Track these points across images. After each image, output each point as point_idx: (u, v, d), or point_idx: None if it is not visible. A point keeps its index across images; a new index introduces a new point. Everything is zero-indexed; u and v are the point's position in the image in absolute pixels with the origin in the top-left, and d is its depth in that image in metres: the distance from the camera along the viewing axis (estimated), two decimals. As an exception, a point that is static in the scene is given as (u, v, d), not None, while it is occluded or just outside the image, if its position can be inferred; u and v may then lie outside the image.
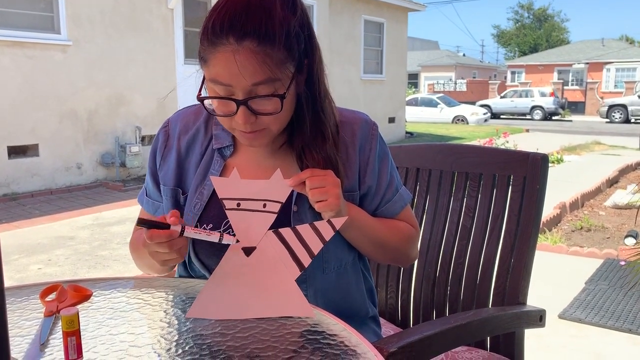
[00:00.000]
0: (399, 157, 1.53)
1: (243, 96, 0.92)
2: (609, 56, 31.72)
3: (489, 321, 1.19)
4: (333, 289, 1.07)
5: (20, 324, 0.87)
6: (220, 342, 0.82)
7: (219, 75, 0.92)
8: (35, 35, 6.34)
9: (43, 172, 6.48)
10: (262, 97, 0.92)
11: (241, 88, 0.92)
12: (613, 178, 7.09)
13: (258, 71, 0.90)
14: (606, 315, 2.88)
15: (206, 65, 0.94)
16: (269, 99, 0.93)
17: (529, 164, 1.31)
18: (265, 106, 0.94)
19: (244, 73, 0.90)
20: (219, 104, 0.96)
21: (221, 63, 0.91)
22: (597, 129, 18.07)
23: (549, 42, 50.53)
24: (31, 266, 3.80)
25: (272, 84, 0.92)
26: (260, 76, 0.91)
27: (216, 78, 0.92)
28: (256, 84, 0.91)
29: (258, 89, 0.92)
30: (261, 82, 0.91)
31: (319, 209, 0.92)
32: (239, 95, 0.92)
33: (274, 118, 0.96)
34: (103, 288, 1.02)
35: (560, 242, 4.25)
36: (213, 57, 0.92)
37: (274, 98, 0.93)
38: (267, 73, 0.91)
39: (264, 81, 0.91)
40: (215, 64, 0.92)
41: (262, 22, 0.90)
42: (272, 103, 0.94)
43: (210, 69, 0.93)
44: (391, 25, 12.94)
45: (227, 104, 0.94)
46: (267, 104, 0.94)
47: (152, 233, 0.87)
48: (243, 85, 0.91)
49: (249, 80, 0.91)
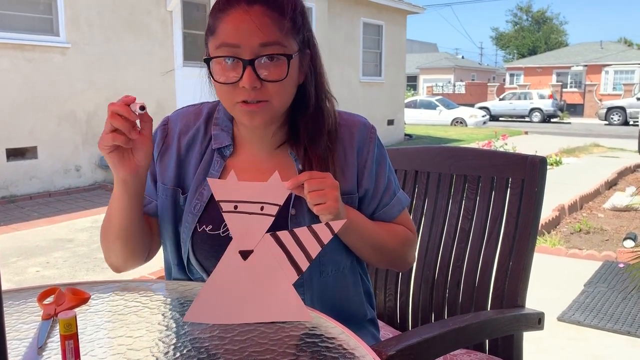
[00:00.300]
0: (397, 159, 1.53)
1: (250, 57, 0.95)
2: (608, 58, 31.79)
3: (488, 324, 1.19)
4: (330, 292, 1.07)
5: (17, 327, 0.86)
6: (218, 346, 0.81)
7: (228, 36, 0.95)
8: (35, 38, 6.34)
9: (42, 174, 6.47)
10: (269, 55, 0.95)
11: (249, 48, 0.94)
12: (612, 180, 7.10)
13: (266, 32, 0.94)
14: (605, 317, 2.88)
15: (214, 35, 0.97)
16: (275, 65, 0.96)
17: (528, 166, 1.31)
18: (271, 71, 0.96)
19: (253, 31, 0.94)
20: (224, 71, 0.97)
21: (231, 22, 0.95)
22: (596, 131, 18.10)
23: (547, 44, 50.64)
24: (29, 269, 3.79)
25: (279, 47, 0.96)
26: (268, 37, 0.94)
27: (225, 40, 0.95)
28: (264, 45, 0.95)
29: (265, 49, 0.95)
30: (269, 42, 0.95)
31: (318, 211, 0.92)
32: (246, 56, 0.95)
33: (277, 88, 0.97)
34: (101, 291, 1.01)
35: (559, 244, 4.25)
36: (223, 20, 0.96)
37: (280, 63, 0.96)
38: (275, 35, 0.95)
39: (272, 42, 0.95)
40: (225, 25, 0.96)
41: None
42: (278, 69, 0.96)
43: (218, 35, 0.97)
44: (390, 28, 12.96)
45: (232, 68, 0.96)
46: (273, 69, 0.96)
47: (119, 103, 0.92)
48: (251, 44, 0.94)
49: (257, 39, 0.94)
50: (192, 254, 1.06)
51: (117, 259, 1.09)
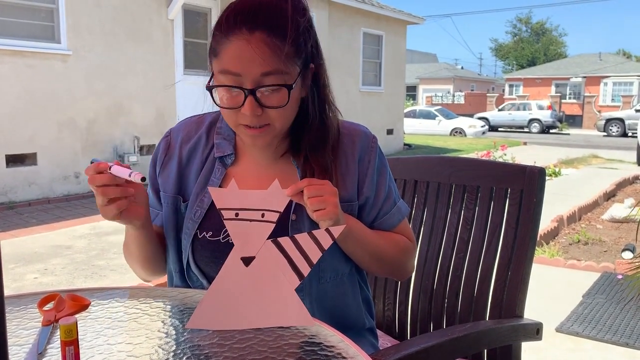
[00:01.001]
0: (397, 169, 1.54)
1: (251, 86, 0.95)
2: (607, 70, 31.95)
3: (486, 334, 1.19)
4: (329, 299, 1.07)
5: (17, 333, 0.87)
6: (218, 353, 0.82)
7: (230, 64, 0.95)
8: (36, 45, 6.37)
9: (41, 181, 6.47)
10: (270, 86, 0.95)
11: (250, 77, 0.95)
12: (610, 191, 7.11)
13: (268, 61, 0.94)
14: (603, 329, 2.87)
15: (217, 57, 0.97)
16: (276, 92, 0.96)
17: (526, 177, 1.32)
18: (272, 99, 0.96)
19: (255, 61, 0.94)
20: (226, 97, 0.98)
21: (233, 51, 0.95)
22: (595, 143, 18.14)
23: (546, 55, 50.88)
24: (27, 275, 3.78)
25: (280, 76, 0.95)
26: (270, 66, 0.94)
27: (227, 68, 0.95)
28: (265, 74, 0.94)
29: (266, 79, 0.95)
30: (270, 72, 0.94)
31: (317, 217, 0.93)
32: (247, 85, 0.95)
33: (279, 114, 0.98)
34: (101, 298, 1.02)
35: (557, 255, 4.25)
36: (225, 47, 0.95)
37: (281, 90, 0.96)
38: (276, 64, 0.94)
39: (273, 72, 0.95)
40: (227, 53, 0.95)
41: (273, 17, 0.95)
42: (279, 96, 0.96)
43: (221, 60, 0.96)
44: (390, 38, 13.02)
45: (235, 96, 0.97)
46: (274, 97, 0.96)
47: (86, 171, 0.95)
48: (253, 73, 0.94)
49: (258, 69, 0.94)
50: (192, 259, 1.06)
51: (143, 275, 1.21)
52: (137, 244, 1.09)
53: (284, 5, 0.97)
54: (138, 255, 1.12)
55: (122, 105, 7.23)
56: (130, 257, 1.16)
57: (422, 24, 14.37)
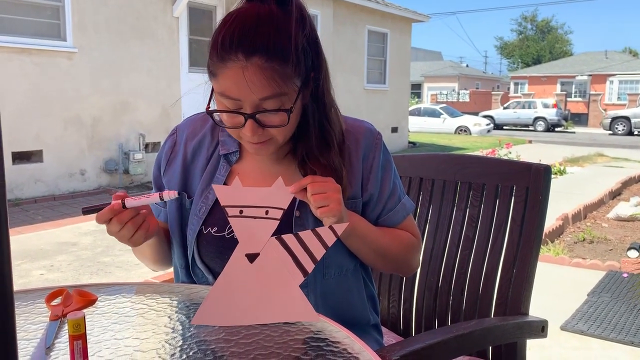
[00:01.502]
0: (403, 166, 1.54)
1: (251, 110, 0.95)
2: (613, 68, 31.79)
3: (491, 331, 1.19)
4: (333, 295, 1.08)
5: (25, 328, 0.87)
6: (224, 348, 0.82)
7: (228, 90, 0.94)
8: (42, 43, 6.39)
9: (47, 178, 6.50)
10: (270, 111, 0.95)
11: (249, 102, 0.94)
12: (616, 190, 7.08)
13: (266, 87, 0.92)
14: (608, 327, 2.87)
15: (215, 79, 0.96)
16: (276, 113, 0.95)
17: (532, 174, 1.32)
18: (272, 119, 0.96)
19: (252, 89, 0.92)
20: (227, 117, 0.98)
21: (230, 78, 0.93)
22: (600, 141, 18.07)
23: (552, 53, 50.69)
24: (34, 272, 3.80)
25: (279, 98, 0.94)
26: (268, 91, 0.93)
27: (225, 92, 0.95)
28: (264, 99, 0.93)
29: (265, 103, 0.94)
30: (269, 97, 0.93)
31: (321, 214, 0.94)
32: (247, 109, 0.95)
33: (279, 130, 0.98)
34: (108, 293, 1.02)
35: (562, 253, 4.24)
36: (222, 72, 0.94)
37: (281, 112, 0.95)
38: (274, 88, 0.93)
39: (272, 96, 0.93)
40: (225, 79, 0.94)
41: (270, 38, 0.92)
42: (279, 116, 0.96)
43: (219, 83, 0.95)
44: (395, 36, 13.00)
45: (235, 117, 0.97)
46: (274, 117, 0.96)
47: (97, 216, 0.95)
48: (251, 100, 0.93)
49: (257, 96, 0.93)
50: (197, 255, 1.07)
51: (154, 268, 1.24)
52: (151, 248, 1.12)
53: (283, 21, 0.94)
54: (151, 255, 1.15)
55: (127, 103, 7.25)
56: (142, 257, 1.19)
57: (427, 21, 14.34)
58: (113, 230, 0.96)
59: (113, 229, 0.96)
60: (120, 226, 0.95)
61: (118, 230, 0.96)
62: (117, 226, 0.95)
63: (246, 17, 0.94)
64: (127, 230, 0.96)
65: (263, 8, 0.95)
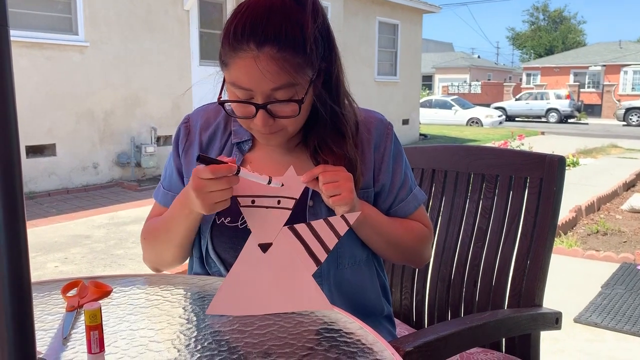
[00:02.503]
0: (415, 158, 1.54)
1: (262, 100, 0.94)
2: (627, 58, 31.37)
3: (505, 322, 1.19)
4: (348, 284, 1.08)
5: (42, 319, 0.88)
6: (239, 339, 0.83)
7: (240, 79, 0.94)
8: (54, 37, 6.43)
9: (60, 171, 6.56)
10: (281, 102, 0.94)
11: (261, 92, 0.94)
12: (630, 181, 7.01)
13: (277, 77, 0.92)
14: (622, 319, 2.85)
15: (227, 68, 0.96)
16: (287, 103, 0.95)
17: (546, 165, 1.31)
18: (284, 110, 0.96)
19: (264, 79, 0.92)
20: (238, 107, 0.98)
21: (242, 68, 0.93)
22: (614, 132, 17.87)
23: (565, 44, 50.11)
24: (48, 264, 3.85)
25: (291, 88, 0.94)
26: (280, 81, 0.93)
27: (236, 82, 0.95)
28: (275, 89, 0.93)
29: (277, 93, 0.94)
30: (280, 87, 0.93)
31: (333, 203, 0.94)
32: (258, 99, 0.95)
33: (291, 120, 0.98)
34: (122, 284, 1.03)
35: (575, 245, 4.21)
36: (234, 62, 0.94)
37: (292, 102, 0.95)
38: (286, 78, 0.93)
39: (283, 86, 0.93)
40: (236, 69, 0.94)
41: (282, 28, 0.92)
42: (290, 107, 0.96)
43: (230, 73, 0.95)
44: (406, 27, 12.92)
45: (246, 107, 0.97)
46: (286, 107, 0.96)
47: (214, 168, 0.87)
48: (263, 90, 0.93)
49: (268, 86, 0.93)
50: (211, 246, 1.07)
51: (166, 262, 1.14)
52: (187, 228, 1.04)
53: (296, 11, 0.94)
54: (182, 239, 1.06)
55: (138, 97, 7.28)
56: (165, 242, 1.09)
57: (438, 12, 14.23)
58: (212, 188, 0.89)
59: (213, 187, 0.88)
60: (222, 188, 0.89)
61: (217, 189, 0.89)
62: (220, 185, 0.88)
63: (258, 7, 0.94)
64: (223, 194, 0.90)
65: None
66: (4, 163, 0.54)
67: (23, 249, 0.57)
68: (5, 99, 0.53)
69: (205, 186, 0.89)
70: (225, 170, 0.88)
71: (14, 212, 0.55)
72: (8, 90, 0.54)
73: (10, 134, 0.54)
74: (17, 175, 0.54)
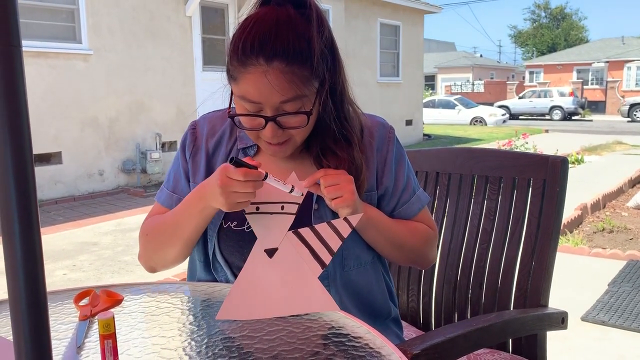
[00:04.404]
0: (419, 161, 1.55)
1: (271, 113, 0.97)
2: (630, 54, 31.25)
3: (511, 323, 1.20)
4: (354, 286, 1.10)
5: (56, 328, 0.90)
6: (249, 345, 0.84)
7: (249, 93, 0.96)
8: (58, 46, 6.48)
9: (66, 179, 6.60)
10: (290, 114, 0.97)
11: (270, 105, 0.96)
12: (635, 178, 6.99)
13: (286, 90, 0.94)
14: (630, 317, 2.85)
15: (235, 82, 0.98)
16: (295, 115, 0.97)
17: (549, 166, 1.32)
18: (292, 121, 0.98)
19: (273, 92, 0.94)
20: (247, 119, 1.00)
21: (251, 83, 0.95)
22: (619, 129, 17.82)
23: (567, 41, 49.98)
24: (57, 272, 3.88)
25: (299, 100, 0.97)
26: (289, 94, 0.95)
27: (246, 96, 0.97)
28: (284, 102, 0.96)
29: (286, 105, 0.96)
30: (289, 99, 0.96)
31: (335, 205, 0.96)
32: (267, 112, 0.97)
33: (299, 130, 1.00)
34: (133, 293, 1.05)
35: (581, 243, 4.21)
36: (243, 76, 0.96)
37: (301, 114, 0.97)
38: (294, 91, 0.95)
39: (292, 99, 0.96)
40: (245, 83, 0.96)
41: (290, 42, 0.94)
42: (299, 118, 0.98)
43: (240, 87, 0.97)
44: (407, 28, 12.93)
45: (255, 120, 0.99)
46: (294, 119, 0.98)
47: (246, 171, 0.90)
48: (272, 103, 0.96)
49: (277, 99, 0.95)
50: (217, 249, 1.09)
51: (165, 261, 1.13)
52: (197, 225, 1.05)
53: (302, 24, 0.96)
54: (190, 234, 1.06)
55: (142, 103, 7.32)
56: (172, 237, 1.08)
57: (439, 12, 14.24)
58: (238, 189, 0.91)
59: (239, 188, 0.91)
60: (248, 190, 0.91)
61: (243, 191, 0.91)
62: (246, 188, 0.91)
63: (265, 21, 0.96)
64: (246, 196, 0.93)
65: (281, 12, 0.97)
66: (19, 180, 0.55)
67: (39, 260, 0.59)
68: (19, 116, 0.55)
69: (232, 185, 0.91)
70: (255, 175, 0.91)
71: (29, 224, 0.57)
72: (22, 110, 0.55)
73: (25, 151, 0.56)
74: (31, 190, 0.56)
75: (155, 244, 1.13)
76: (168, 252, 1.11)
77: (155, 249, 1.13)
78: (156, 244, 1.13)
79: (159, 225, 1.12)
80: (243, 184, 0.91)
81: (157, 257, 1.14)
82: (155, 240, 1.13)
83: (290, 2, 0.98)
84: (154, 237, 1.13)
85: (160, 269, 1.17)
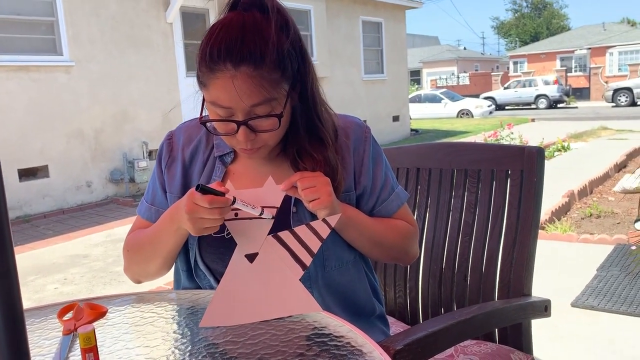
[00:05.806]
0: (399, 158, 1.57)
1: (243, 117, 0.98)
2: (611, 40, 31.53)
3: (494, 314, 1.21)
4: (336, 286, 1.11)
5: (40, 344, 0.91)
6: (232, 350, 0.85)
7: (219, 99, 0.97)
8: (39, 59, 6.44)
9: (54, 192, 6.56)
10: (261, 117, 0.98)
11: (241, 110, 0.97)
12: (621, 163, 7.07)
13: (255, 94, 0.95)
14: (619, 301, 2.88)
15: (206, 89, 0.99)
16: (267, 118, 0.98)
17: (525, 157, 1.34)
18: (264, 124, 0.99)
19: (243, 97, 0.95)
20: (220, 125, 1.02)
21: (220, 88, 0.96)
22: (604, 114, 17.97)
23: (549, 29, 50.34)
24: (48, 286, 3.86)
25: (269, 103, 0.97)
26: (258, 98, 0.96)
27: (217, 101, 0.98)
28: (254, 105, 0.97)
29: (256, 109, 0.97)
30: (259, 103, 0.96)
31: (313, 207, 0.97)
32: (238, 116, 0.98)
33: (271, 135, 1.01)
34: (117, 304, 1.05)
35: (570, 230, 4.25)
36: (212, 82, 0.97)
37: (272, 117, 0.98)
38: (264, 95, 0.96)
39: (262, 102, 0.96)
40: (215, 89, 0.97)
41: (257, 46, 0.95)
42: (270, 121, 0.99)
43: (210, 93, 0.98)
44: (389, 24, 12.96)
45: (228, 125, 1.00)
46: (266, 122, 0.99)
47: (212, 199, 0.91)
48: (242, 107, 0.96)
49: (247, 103, 0.96)
50: (199, 257, 1.10)
51: (148, 274, 1.16)
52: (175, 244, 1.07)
53: (267, 29, 0.96)
54: (168, 252, 1.09)
55: (127, 112, 7.29)
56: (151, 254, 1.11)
57: (420, 7, 14.28)
58: (205, 215, 0.92)
59: (205, 214, 0.92)
60: (215, 217, 0.92)
61: (209, 217, 0.92)
62: (212, 215, 0.92)
63: (231, 27, 0.97)
64: (213, 222, 0.94)
65: (247, 16, 0.98)
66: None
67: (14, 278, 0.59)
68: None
69: (199, 212, 0.93)
70: (222, 202, 0.92)
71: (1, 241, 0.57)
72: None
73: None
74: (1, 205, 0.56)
75: (137, 259, 1.15)
76: (150, 267, 1.14)
77: (137, 263, 1.16)
78: (138, 259, 1.15)
79: (139, 242, 1.14)
80: (209, 210, 0.92)
81: (140, 271, 1.17)
82: (136, 256, 1.15)
83: (256, 7, 0.99)
84: (135, 253, 1.15)
85: (145, 280, 1.20)
